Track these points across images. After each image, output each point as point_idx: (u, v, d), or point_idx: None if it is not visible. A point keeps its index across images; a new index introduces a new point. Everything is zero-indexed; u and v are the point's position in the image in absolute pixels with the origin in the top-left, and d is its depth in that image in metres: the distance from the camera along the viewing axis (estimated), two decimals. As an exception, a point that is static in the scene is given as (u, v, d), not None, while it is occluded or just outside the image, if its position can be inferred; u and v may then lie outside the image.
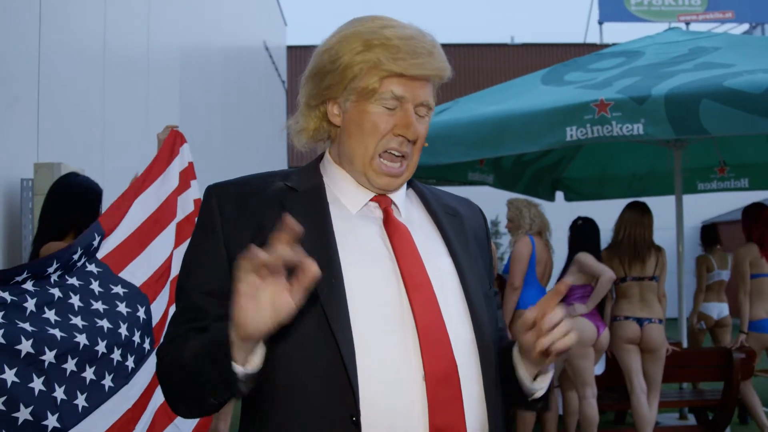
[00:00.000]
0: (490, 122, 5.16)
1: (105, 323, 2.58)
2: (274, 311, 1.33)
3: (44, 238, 3.42)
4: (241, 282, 1.31)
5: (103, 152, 5.65)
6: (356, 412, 1.43)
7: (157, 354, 1.61)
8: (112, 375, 2.57)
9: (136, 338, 2.69)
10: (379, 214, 1.66)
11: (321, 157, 1.75)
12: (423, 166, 5.73)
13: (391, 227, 1.62)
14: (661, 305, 5.75)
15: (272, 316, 1.33)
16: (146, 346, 2.75)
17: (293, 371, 1.48)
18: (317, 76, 1.65)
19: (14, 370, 2.26)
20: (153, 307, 2.82)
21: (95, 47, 5.66)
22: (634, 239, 5.78)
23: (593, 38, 24.95)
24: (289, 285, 1.34)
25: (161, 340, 1.63)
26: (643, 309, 5.69)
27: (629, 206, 5.89)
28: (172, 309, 1.96)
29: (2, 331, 2.26)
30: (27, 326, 2.32)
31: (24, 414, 2.28)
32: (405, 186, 1.74)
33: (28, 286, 2.43)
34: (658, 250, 5.83)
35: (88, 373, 2.48)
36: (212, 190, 1.63)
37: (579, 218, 6.01)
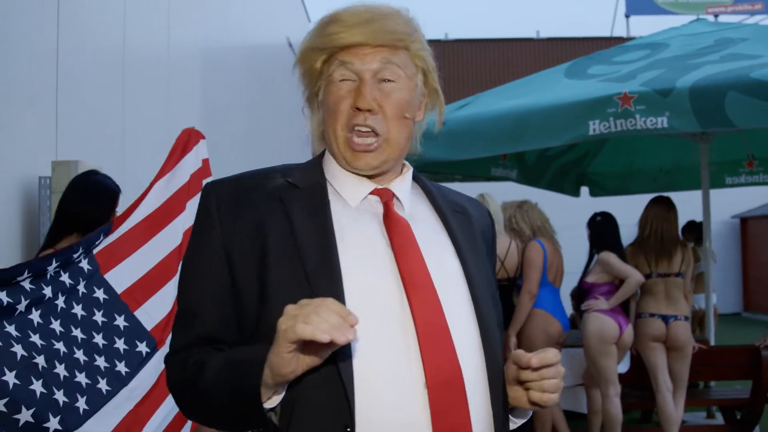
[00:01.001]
0: (511, 117, 5.10)
1: (78, 333, 2.56)
2: (307, 362, 1.33)
3: (57, 235, 3.41)
4: (284, 348, 1.29)
5: (123, 151, 5.64)
6: (351, 423, 1.37)
7: (165, 363, 1.57)
8: (105, 379, 2.54)
9: (120, 345, 2.66)
10: (380, 208, 1.59)
11: (324, 153, 1.70)
12: (444, 162, 5.77)
13: (391, 222, 1.55)
14: (687, 302, 5.65)
15: (311, 361, 1.33)
16: (141, 350, 2.71)
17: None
18: (301, 77, 1.64)
19: (14, 372, 2.25)
20: (144, 310, 2.78)
21: (114, 45, 5.66)
22: (661, 235, 5.68)
23: (620, 32, 24.66)
24: None
25: (168, 348, 1.59)
26: (668, 306, 5.58)
27: (654, 201, 5.79)
28: None
29: None
30: (12, 330, 2.30)
31: (26, 416, 2.26)
32: (409, 180, 1.67)
33: (26, 284, 2.41)
34: (684, 245, 5.73)
35: (81, 378, 2.46)
36: (209, 188, 1.59)
37: (597, 214, 5.93)
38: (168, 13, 6.95)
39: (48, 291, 2.49)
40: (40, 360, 2.33)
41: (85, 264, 2.72)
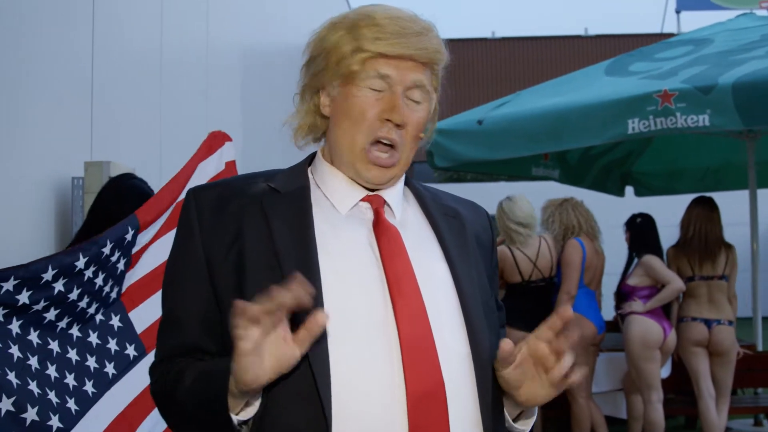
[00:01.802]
0: (549, 115, 5.02)
1: (75, 331, 2.54)
2: (277, 362, 1.28)
3: (88, 235, 3.41)
4: (240, 340, 1.25)
5: (161, 151, 5.67)
6: None
7: (149, 373, 1.55)
8: (92, 381, 2.53)
9: (112, 345, 2.64)
10: (369, 215, 1.53)
11: (311, 157, 1.65)
12: (482, 161, 5.72)
13: (380, 229, 1.50)
14: (731, 306, 5.49)
15: (275, 367, 1.28)
16: (130, 353, 2.69)
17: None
18: (307, 65, 1.57)
19: (14, 372, 2.26)
20: (137, 312, 2.76)
21: (151, 45, 5.68)
22: (705, 236, 5.53)
23: (671, 28, 24.23)
24: (292, 334, 1.29)
25: (154, 358, 1.57)
26: (711, 310, 5.43)
27: (696, 202, 5.64)
28: None
29: None
30: (16, 327, 2.30)
31: (31, 414, 2.27)
32: (401, 185, 1.62)
33: (58, 285, 2.40)
34: (728, 247, 5.55)
35: (70, 380, 2.45)
36: (191, 195, 1.55)
37: (637, 215, 5.80)
38: (207, 12, 6.97)
39: (74, 294, 2.48)
40: (33, 362, 2.33)
41: (121, 265, 2.71)
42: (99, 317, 2.65)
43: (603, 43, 24.40)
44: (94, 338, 2.59)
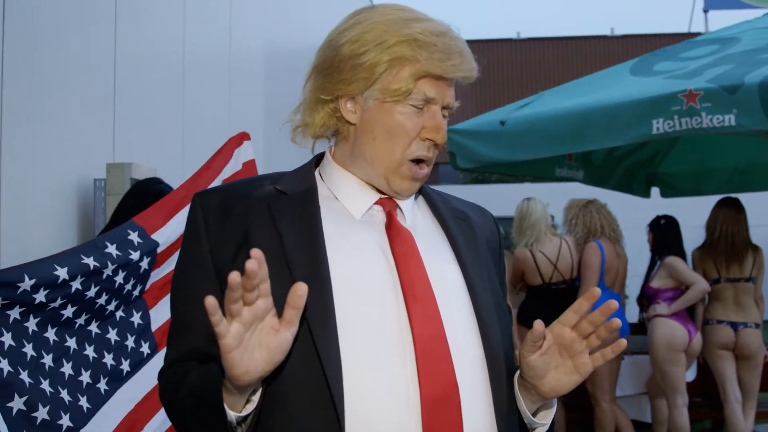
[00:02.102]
0: (572, 116, 4.97)
1: (94, 328, 2.54)
2: (268, 353, 1.27)
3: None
4: (222, 338, 1.23)
5: (183, 154, 5.69)
6: None
7: (158, 378, 1.55)
8: (107, 378, 2.53)
9: (130, 342, 2.64)
10: (380, 218, 1.52)
11: (317, 158, 1.63)
12: (505, 162, 5.67)
13: (393, 232, 1.49)
14: (758, 308, 5.41)
15: (266, 358, 1.27)
16: (144, 350, 2.69)
17: (275, 391, 1.36)
18: (331, 68, 1.50)
19: (26, 371, 2.26)
20: (155, 310, 2.75)
21: (174, 48, 5.71)
22: (732, 238, 5.46)
23: (698, 28, 24.01)
24: (278, 321, 1.27)
25: (163, 363, 1.56)
26: (737, 312, 5.36)
27: (722, 203, 5.56)
28: None
29: (10, 333, 2.25)
30: (32, 326, 2.30)
31: (42, 413, 2.27)
32: None
33: (77, 283, 2.40)
34: (755, 249, 5.48)
35: (85, 377, 2.46)
36: (196, 200, 1.54)
37: (660, 217, 5.74)
38: (230, 14, 6.99)
39: (92, 291, 2.47)
40: (48, 359, 2.34)
41: (145, 264, 2.70)
42: (119, 314, 2.64)
43: (629, 43, 24.22)
44: (113, 335, 2.59)
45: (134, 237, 2.64)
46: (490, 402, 1.42)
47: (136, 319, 2.69)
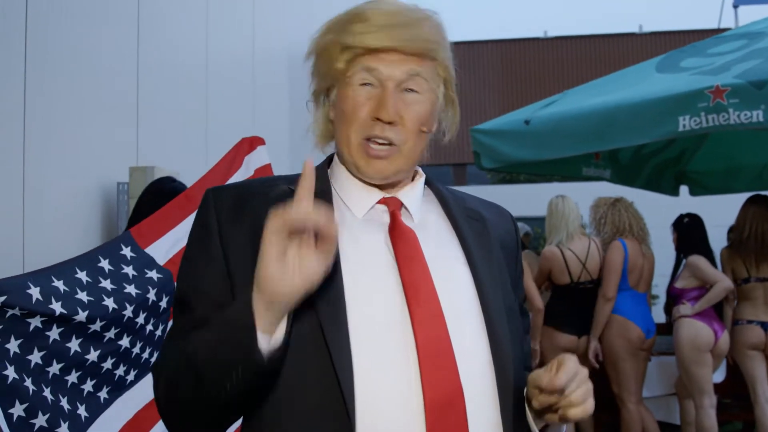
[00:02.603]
0: (598, 114, 4.92)
1: (125, 342, 2.54)
2: (302, 275, 1.24)
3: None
4: (268, 244, 1.23)
5: (207, 157, 5.70)
6: None
7: (152, 370, 1.49)
8: (109, 387, 2.53)
9: (145, 354, 2.63)
10: (386, 218, 1.50)
11: (329, 158, 1.62)
12: (529, 162, 5.62)
13: (396, 233, 1.46)
14: (791, 309, 5.31)
15: (301, 280, 1.24)
16: (151, 360, 2.68)
17: (286, 394, 1.34)
18: (312, 73, 1.55)
19: (30, 379, 2.26)
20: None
21: (197, 51, 5.73)
22: (762, 236, 5.36)
23: (728, 23, 23.68)
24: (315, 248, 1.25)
25: (156, 357, 1.54)
26: (768, 312, 5.26)
27: (752, 200, 5.47)
28: None
29: (19, 341, 2.25)
30: (53, 334, 2.30)
31: (41, 421, 2.27)
32: (420, 187, 1.58)
33: (83, 296, 2.40)
34: (788, 247, 5.38)
35: (87, 386, 2.45)
36: (210, 193, 1.52)
37: (684, 215, 5.66)
38: (253, 18, 7.00)
39: (109, 301, 2.48)
40: (54, 368, 2.34)
41: (153, 274, 2.70)
42: (149, 328, 2.64)
43: (658, 40, 23.97)
44: (137, 348, 2.59)
45: (127, 252, 2.63)
46: (497, 404, 1.39)
47: (159, 332, 2.68)
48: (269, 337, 1.27)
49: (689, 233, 5.56)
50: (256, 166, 3.04)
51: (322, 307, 1.33)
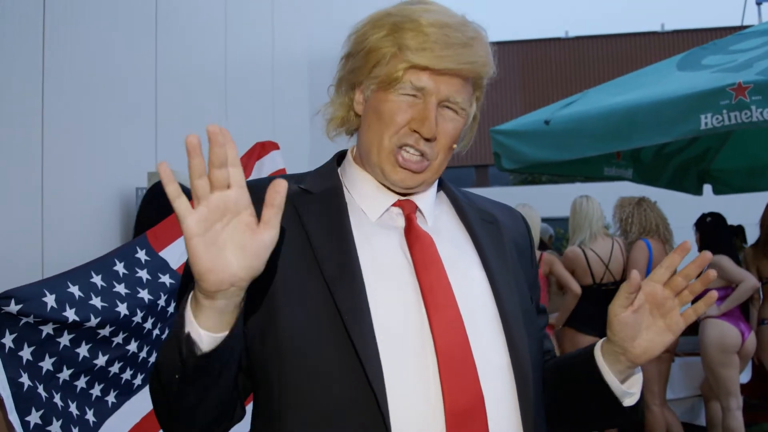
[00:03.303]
0: (618, 113, 4.88)
1: (132, 347, 2.55)
2: (243, 254, 1.13)
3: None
4: (184, 218, 1.10)
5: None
6: None
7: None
8: (116, 392, 2.53)
9: (152, 359, 2.63)
10: (401, 222, 1.48)
11: (339, 157, 1.60)
12: (550, 162, 5.58)
13: (413, 237, 1.44)
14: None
15: (240, 260, 1.13)
16: (153, 360, 2.68)
17: (316, 403, 1.32)
18: (345, 59, 1.52)
19: (42, 385, 2.27)
20: None
21: (216, 55, 5.74)
22: (788, 235, 5.29)
23: (752, 20, 23.43)
24: (255, 219, 1.15)
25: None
26: (793, 312, 5.19)
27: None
28: None
29: (32, 348, 2.26)
30: (64, 341, 2.30)
31: (55, 427, 2.29)
32: (434, 190, 1.56)
33: (98, 301, 2.41)
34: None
35: (95, 390, 2.46)
36: None
37: (706, 215, 5.60)
38: (272, 21, 7.01)
39: (122, 308, 2.48)
40: (65, 374, 2.34)
41: (166, 279, 2.70)
42: (156, 332, 2.65)
43: (680, 38, 23.80)
44: (144, 353, 2.59)
45: (141, 255, 2.64)
46: (517, 410, 1.37)
47: (157, 330, 2.69)
48: (212, 334, 1.19)
49: (712, 233, 5.49)
50: (269, 171, 3.03)
51: (341, 297, 1.32)
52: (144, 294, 2.54)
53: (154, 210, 3.51)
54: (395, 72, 1.42)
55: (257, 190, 1.25)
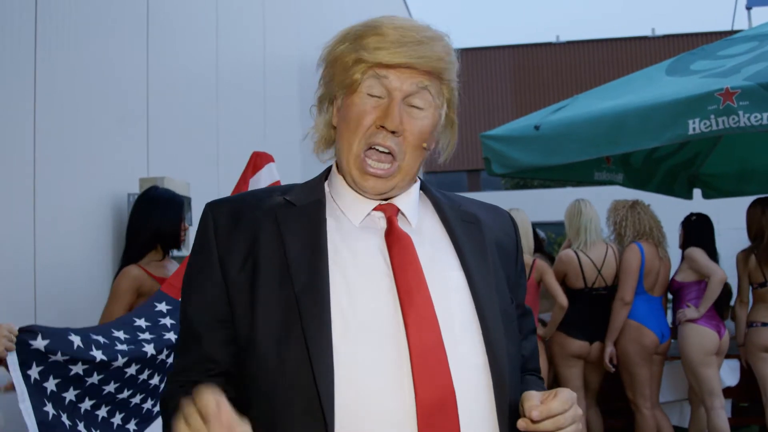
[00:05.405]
0: (607, 118, 4.91)
1: (155, 381, 2.63)
2: None
3: (141, 250, 3.50)
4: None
5: (218, 167, 5.73)
6: None
7: (166, 381, 1.55)
8: (137, 420, 2.59)
9: (155, 381, 2.68)
10: (383, 224, 1.52)
11: (327, 170, 1.65)
12: (540, 167, 5.61)
13: (393, 238, 1.48)
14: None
15: None
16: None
17: (268, 396, 1.37)
18: (321, 77, 1.58)
19: (65, 414, 2.32)
20: None
21: (207, 61, 5.76)
22: (775, 239, 5.32)
23: (741, 25, 23.54)
24: None
25: (168, 374, 1.58)
26: (782, 315, 5.21)
27: (757, 203, 5.45)
28: None
29: (57, 381, 2.32)
30: (93, 379, 2.38)
31: None
32: (416, 192, 1.59)
33: (123, 347, 2.48)
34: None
35: (116, 419, 2.52)
36: (207, 209, 1.57)
37: (693, 214, 5.66)
38: (263, 27, 7.03)
39: (150, 348, 2.57)
40: (86, 404, 2.42)
41: (167, 321, 2.77)
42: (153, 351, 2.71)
43: (671, 43, 23.91)
44: (144, 375, 2.65)
45: (162, 307, 2.74)
46: (493, 408, 1.40)
47: (162, 356, 2.75)
48: None
49: (695, 230, 5.55)
50: (270, 181, 3.13)
51: (306, 312, 1.36)
52: (170, 335, 2.63)
53: (144, 216, 3.55)
54: (355, 74, 1.48)
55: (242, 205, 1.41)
